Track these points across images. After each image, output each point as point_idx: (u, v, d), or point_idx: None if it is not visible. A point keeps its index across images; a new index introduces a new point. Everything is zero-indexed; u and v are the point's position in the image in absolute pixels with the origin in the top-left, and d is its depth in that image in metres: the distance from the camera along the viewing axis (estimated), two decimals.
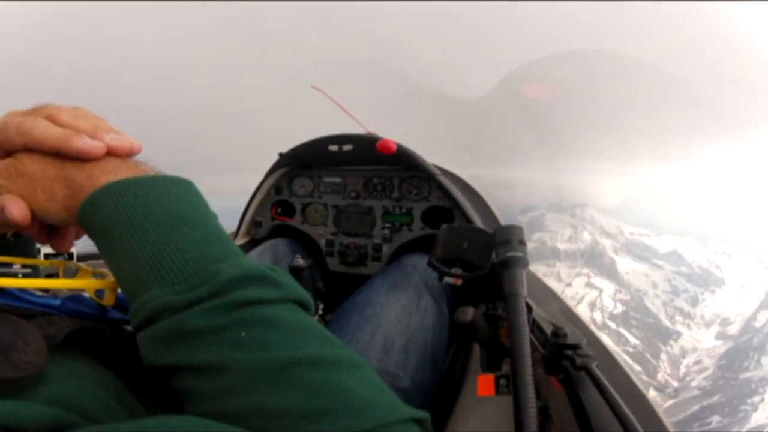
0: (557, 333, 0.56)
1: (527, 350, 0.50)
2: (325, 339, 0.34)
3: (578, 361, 0.53)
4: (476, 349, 0.90)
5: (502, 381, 0.72)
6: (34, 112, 0.37)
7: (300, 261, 0.98)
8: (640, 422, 0.42)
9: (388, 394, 0.33)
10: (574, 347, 0.55)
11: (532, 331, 0.68)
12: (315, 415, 0.29)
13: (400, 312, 0.88)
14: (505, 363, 0.78)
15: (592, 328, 0.73)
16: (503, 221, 1.50)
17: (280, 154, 1.38)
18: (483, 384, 0.72)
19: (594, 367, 0.52)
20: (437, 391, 0.85)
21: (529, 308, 0.72)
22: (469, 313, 0.69)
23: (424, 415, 0.33)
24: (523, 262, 0.65)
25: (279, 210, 1.51)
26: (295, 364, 0.31)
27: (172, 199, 0.36)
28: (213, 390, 0.30)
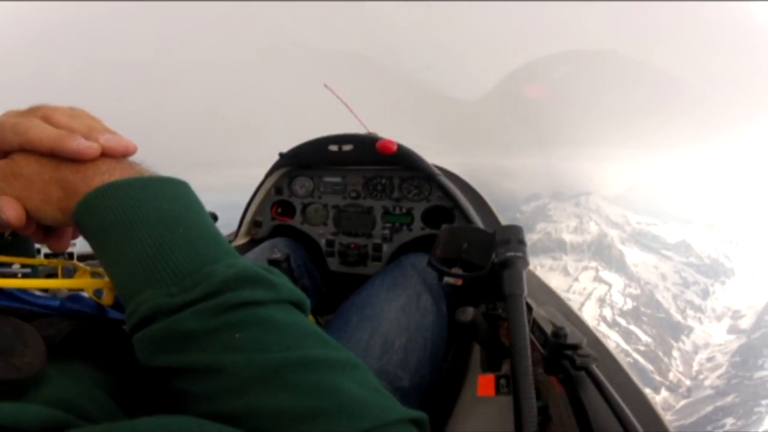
0: (557, 333, 0.56)
1: (527, 350, 0.50)
2: (320, 340, 0.34)
3: (578, 361, 0.53)
4: (476, 349, 0.90)
5: (502, 381, 0.72)
6: (30, 112, 0.37)
7: (277, 254, 0.98)
8: (640, 422, 0.42)
9: (384, 395, 0.33)
10: (575, 347, 0.55)
11: (532, 331, 0.68)
12: (310, 417, 0.29)
13: (399, 311, 0.88)
14: (505, 363, 0.78)
15: (593, 327, 0.73)
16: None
17: (281, 154, 1.38)
18: (483, 384, 0.72)
19: (594, 367, 0.52)
20: (437, 390, 0.85)
21: (529, 308, 0.72)
22: (469, 313, 0.69)
23: (420, 415, 0.33)
24: (523, 262, 0.65)
25: (279, 210, 1.51)
26: (290, 365, 0.30)
27: (167, 200, 0.35)
28: (208, 391, 0.30)
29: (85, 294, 0.42)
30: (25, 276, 0.46)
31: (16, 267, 0.45)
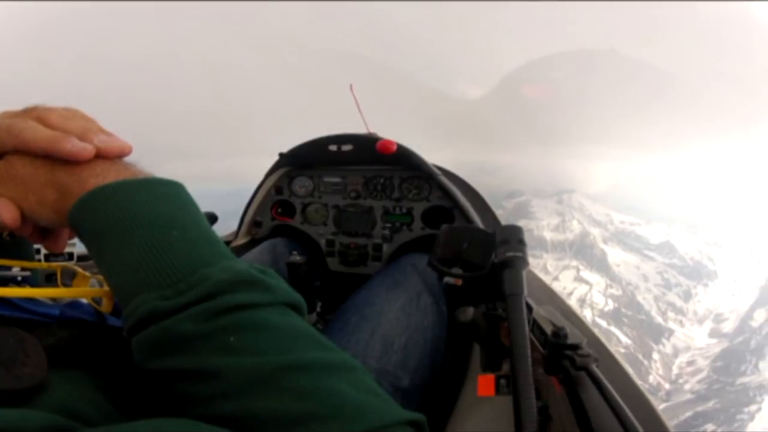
0: (557, 333, 0.56)
1: (527, 350, 0.50)
2: (316, 342, 0.34)
3: (578, 361, 0.53)
4: (476, 349, 0.90)
5: (502, 381, 0.72)
6: (25, 113, 0.37)
7: (297, 257, 0.98)
8: (640, 422, 0.42)
9: (381, 397, 0.33)
10: (575, 347, 0.55)
11: (532, 331, 0.68)
12: (305, 420, 0.28)
13: (399, 311, 0.88)
14: (505, 363, 0.78)
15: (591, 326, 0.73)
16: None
17: (281, 154, 1.38)
18: (483, 384, 0.72)
19: (594, 367, 0.52)
20: (437, 390, 0.85)
21: (529, 308, 0.72)
22: (469, 313, 0.69)
23: (419, 417, 0.33)
24: (523, 262, 0.65)
25: (279, 210, 1.51)
26: (285, 368, 0.30)
27: (161, 202, 0.35)
28: (204, 394, 0.30)
29: (85, 301, 0.42)
30: (24, 279, 0.46)
31: (15, 270, 0.45)
